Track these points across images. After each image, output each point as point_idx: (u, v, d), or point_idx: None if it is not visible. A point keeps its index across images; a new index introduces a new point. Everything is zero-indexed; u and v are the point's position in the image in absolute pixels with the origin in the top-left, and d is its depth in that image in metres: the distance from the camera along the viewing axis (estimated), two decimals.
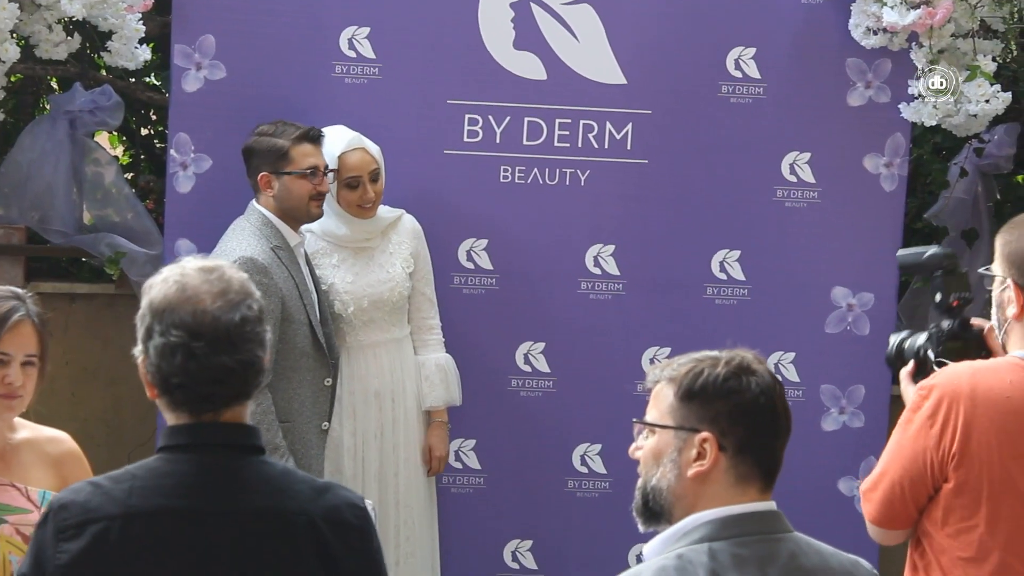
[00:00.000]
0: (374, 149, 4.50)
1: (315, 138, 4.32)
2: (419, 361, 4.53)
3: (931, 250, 3.41)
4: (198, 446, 2.47)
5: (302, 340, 4.15)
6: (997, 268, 3.05)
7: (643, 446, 2.41)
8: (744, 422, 2.36)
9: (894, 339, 3.42)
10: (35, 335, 3.25)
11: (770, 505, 2.42)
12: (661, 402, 2.38)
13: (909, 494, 3.05)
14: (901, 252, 3.60)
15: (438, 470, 4.64)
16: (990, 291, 3.13)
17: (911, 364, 3.30)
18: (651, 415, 2.40)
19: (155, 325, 2.43)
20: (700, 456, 2.35)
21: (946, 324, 3.25)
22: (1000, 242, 3.04)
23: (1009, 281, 3.02)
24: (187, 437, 2.47)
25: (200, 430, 2.47)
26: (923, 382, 3.08)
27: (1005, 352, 3.09)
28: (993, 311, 3.08)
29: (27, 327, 3.23)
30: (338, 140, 4.52)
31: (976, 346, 3.27)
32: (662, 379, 2.40)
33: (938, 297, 3.32)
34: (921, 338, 3.32)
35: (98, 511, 2.42)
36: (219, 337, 2.42)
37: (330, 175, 4.32)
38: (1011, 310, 3.01)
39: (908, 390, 3.25)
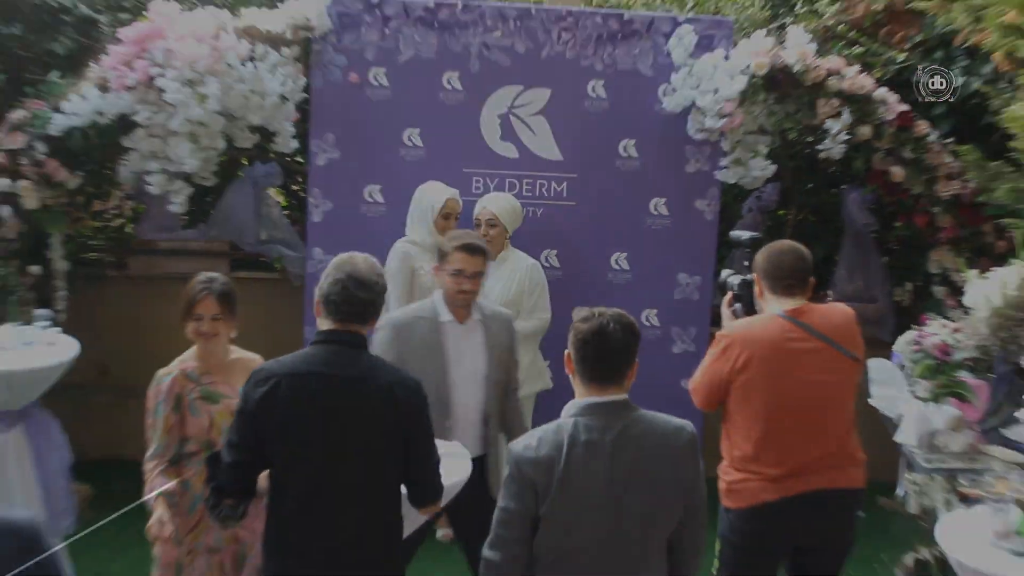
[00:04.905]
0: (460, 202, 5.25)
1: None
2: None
3: (748, 234, 4.07)
4: (331, 342, 2.93)
5: None
6: (756, 274, 3.74)
7: None
8: (575, 350, 2.81)
9: (724, 273, 4.01)
10: (216, 303, 3.68)
11: (617, 396, 2.77)
12: None
13: (715, 392, 3.66)
14: (734, 231, 4.07)
15: None
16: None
17: (728, 295, 3.89)
18: None
19: (332, 273, 2.96)
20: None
21: (747, 276, 3.86)
22: (756, 258, 3.75)
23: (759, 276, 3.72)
24: (326, 337, 2.94)
25: (333, 334, 2.92)
26: (720, 332, 3.66)
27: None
28: (756, 295, 3.79)
29: (210, 299, 3.68)
30: (444, 188, 5.29)
31: (749, 294, 3.88)
32: None
33: (745, 262, 3.88)
34: (735, 278, 3.92)
35: (273, 370, 2.89)
36: (361, 282, 2.90)
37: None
38: (759, 293, 3.74)
39: (725, 313, 3.87)
